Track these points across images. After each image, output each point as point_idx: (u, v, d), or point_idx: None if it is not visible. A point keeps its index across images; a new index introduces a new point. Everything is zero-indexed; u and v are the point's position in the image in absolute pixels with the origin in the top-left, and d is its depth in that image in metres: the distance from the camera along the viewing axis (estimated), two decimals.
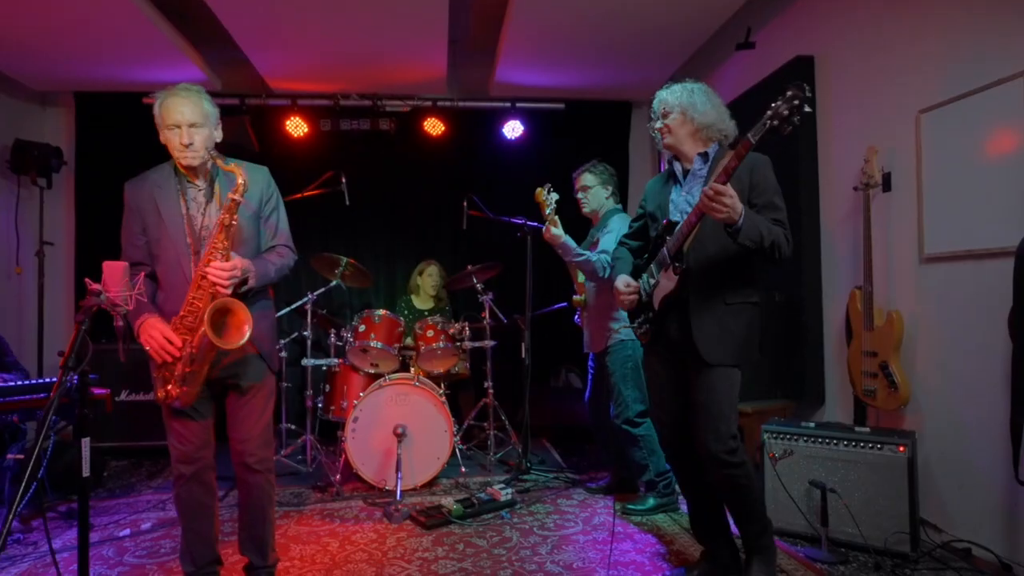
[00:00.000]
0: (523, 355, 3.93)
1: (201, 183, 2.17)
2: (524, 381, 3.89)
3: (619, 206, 3.38)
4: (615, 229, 3.13)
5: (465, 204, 4.17)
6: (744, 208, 1.94)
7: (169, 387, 2.01)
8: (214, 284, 1.95)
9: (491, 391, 4.18)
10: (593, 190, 3.33)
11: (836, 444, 2.68)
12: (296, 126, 4.96)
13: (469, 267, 4.19)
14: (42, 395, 2.93)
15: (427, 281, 4.69)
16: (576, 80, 4.96)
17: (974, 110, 2.53)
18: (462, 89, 5.24)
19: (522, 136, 5.22)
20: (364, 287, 4.48)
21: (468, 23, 4.44)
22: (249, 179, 2.13)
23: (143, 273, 1.79)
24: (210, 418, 2.19)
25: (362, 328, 3.83)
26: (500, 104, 5.21)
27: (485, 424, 4.42)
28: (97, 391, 3.10)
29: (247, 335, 1.94)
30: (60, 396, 1.41)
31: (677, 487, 3.21)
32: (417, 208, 5.30)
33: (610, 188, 3.34)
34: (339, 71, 4.68)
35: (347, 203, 4.17)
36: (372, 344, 3.78)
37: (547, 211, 3.02)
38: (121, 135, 4.97)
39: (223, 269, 1.96)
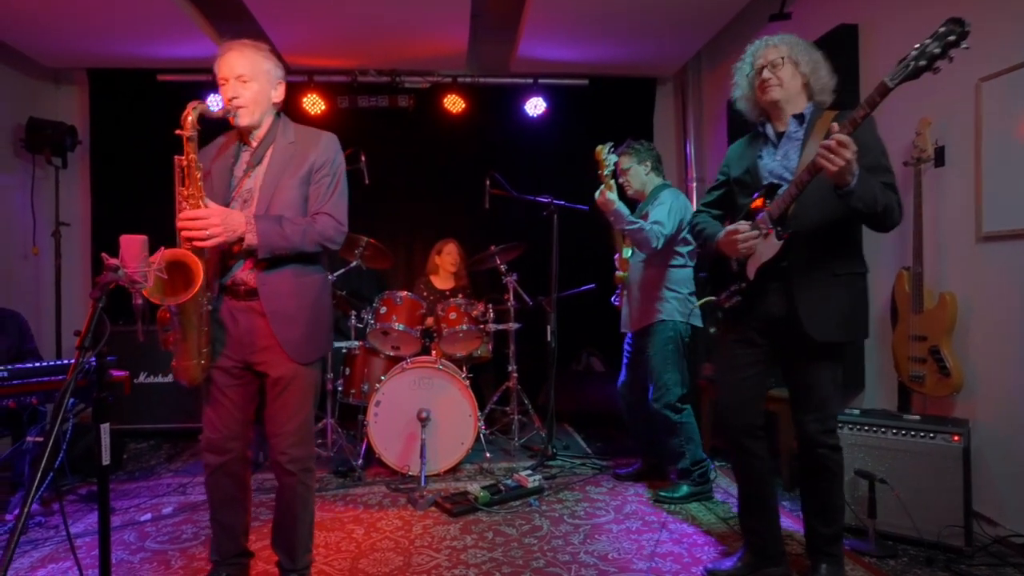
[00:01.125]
0: (548, 338, 3.81)
1: (255, 145, 2.05)
2: (549, 365, 3.78)
3: (666, 181, 3.25)
4: (667, 201, 3.02)
5: (487, 183, 4.04)
6: (859, 168, 1.78)
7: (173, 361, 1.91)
8: (188, 238, 1.81)
9: (515, 375, 4.08)
10: (632, 170, 3.20)
11: (884, 432, 2.55)
12: (313, 103, 4.84)
13: (492, 247, 4.07)
14: (60, 377, 2.85)
15: (446, 260, 4.58)
16: (600, 55, 4.79)
17: None
18: (482, 65, 5.09)
19: (544, 113, 5.07)
20: (383, 268, 4.37)
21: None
22: (304, 141, 2.03)
23: (161, 248, 1.67)
24: (246, 407, 2.07)
25: (383, 310, 3.73)
26: (522, 80, 5.06)
27: (508, 408, 4.33)
28: (116, 373, 3.03)
29: (191, 294, 1.71)
30: (77, 378, 1.32)
31: (712, 476, 3.12)
32: (437, 187, 5.17)
33: (649, 164, 3.20)
34: (357, 46, 4.54)
35: (367, 182, 4.05)
36: (394, 326, 3.68)
37: (604, 171, 2.87)
38: (136, 113, 4.90)
39: (189, 218, 1.81)
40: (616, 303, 3.47)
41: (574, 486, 3.32)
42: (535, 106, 5.03)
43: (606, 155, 2.89)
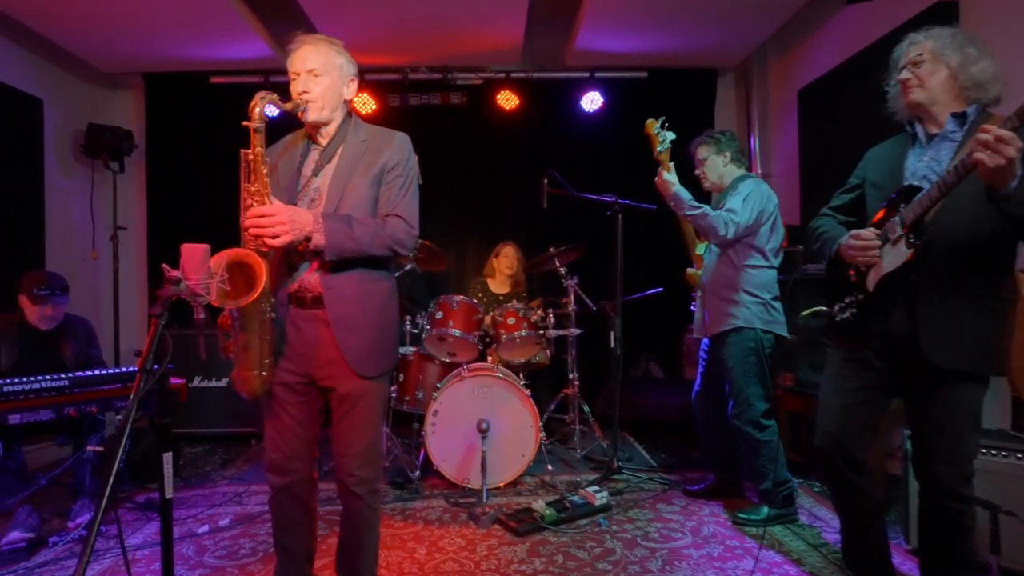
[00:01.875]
0: (612, 344, 3.61)
1: (324, 143, 1.94)
2: (613, 373, 3.58)
3: (749, 172, 3.01)
4: (746, 192, 2.78)
5: (545, 181, 3.85)
6: (1023, 169, 1.51)
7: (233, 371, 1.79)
8: (255, 236, 1.69)
9: (576, 383, 3.90)
10: (709, 161, 2.96)
11: (1007, 456, 2.27)
12: (364, 103, 4.74)
13: (551, 249, 3.90)
14: (118, 385, 2.80)
15: (503, 263, 4.42)
16: (661, 45, 4.56)
17: None
18: (536, 59, 4.91)
19: (601, 108, 4.87)
20: (437, 271, 4.24)
21: None
22: (376, 140, 1.92)
23: (225, 257, 1.55)
24: (310, 425, 1.94)
25: (439, 315, 3.60)
26: (578, 74, 4.87)
27: (567, 417, 4.16)
28: (172, 381, 2.97)
29: (253, 296, 1.58)
30: (139, 401, 1.19)
31: (797, 499, 2.87)
32: (491, 187, 5.02)
33: (728, 154, 2.95)
34: (409, 42, 4.42)
35: (420, 182, 3.92)
36: (450, 332, 3.54)
37: (658, 149, 2.68)
38: (190, 116, 4.90)
39: (255, 215, 1.69)
40: (695, 308, 3.24)
41: (643, 503, 3.12)
42: (592, 101, 4.83)
43: (657, 130, 2.68)
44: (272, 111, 1.81)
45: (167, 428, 1.29)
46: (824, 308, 2.00)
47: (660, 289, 3.91)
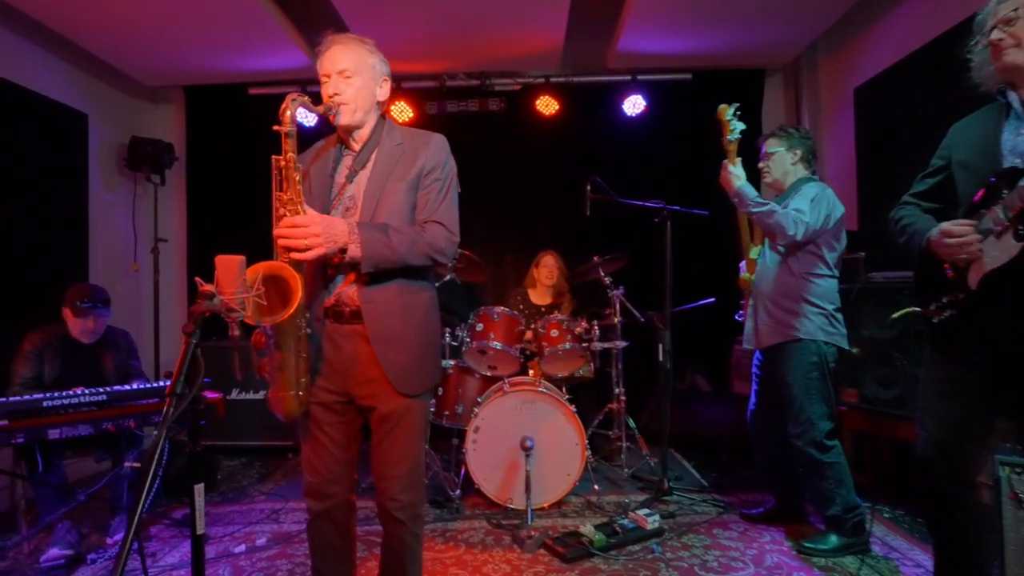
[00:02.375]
0: (660, 358, 3.43)
1: (358, 148, 1.84)
2: (663, 387, 3.40)
3: (814, 176, 2.80)
4: (812, 194, 2.58)
5: (588, 188, 3.71)
6: None
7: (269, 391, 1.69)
8: (286, 248, 1.59)
9: (623, 398, 3.73)
10: (777, 156, 2.77)
11: None
12: (401, 111, 4.68)
13: (595, 258, 3.74)
14: (156, 400, 2.76)
15: (543, 273, 4.28)
16: (706, 46, 4.38)
17: None
18: (576, 63, 4.78)
19: (643, 112, 4.71)
20: (476, 281, 4.13)
21: None
22: (412, 142, 1.81)
23: (261, 270, 1.45)
24: (349, 446, 1.84)
25: (480, 327, 3.47)
26: (619, 78, 4.72)
27: (611, 433, 3.98)
28: (209, 395, 2.92)
29: (288, 312, 1.48)
30: (169, 430, 1.09)
31: (869, 526, 2.65)
32: (530, 194, 4.90)
33: (798, 153, 2.76)
34: (446, 48, 4.34)
35: (458, 190, 3.82)
36: (491, 345, 3.41)
37: (728, 137, 2.52)
38: (228, 127, 4.92)
39: (288, 226, 1.59)
40: (740, 317, 3.05)
41: (698, 528, 2.93)
42: (634, 104, 4.67)
43: (730, 116, 2.52)
44: (310, 121, 1.72)
45: (200, 456, 1.18)
46: (917, 309, 1.79)
47: (712, 300, 3.71)
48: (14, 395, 2.89)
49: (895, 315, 2.13)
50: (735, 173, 2.53)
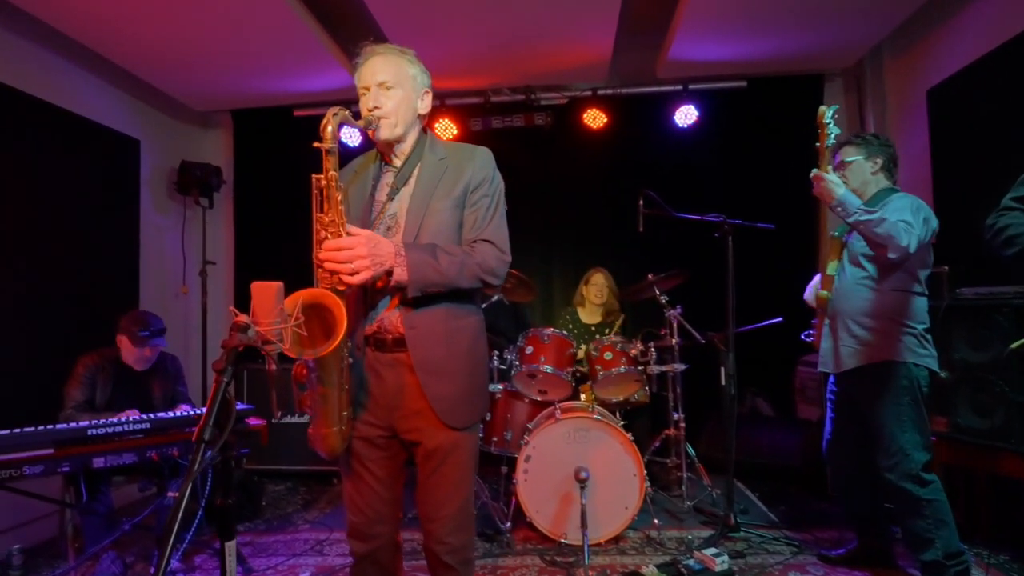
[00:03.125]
0: (723, 381, 3.21)
1: (399, 164, 1.73)
2: (726, 414, 3.17)
3: (895, 187, 2.56)
4: (906, 204, 2.33)
5: (640, 202, 3.53)
6: None
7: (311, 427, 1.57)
8: (330, 272, 1.47)
9: (683, 424, 3.50)
10: (855, 165, 2.54)
11: None
12: (445, 128, 4.60)
13: (650, 276, 3.55)
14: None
15: (592, 291, 4.10)
16: (762, 51, 4.16)
17: None
18: (624, 74, 4.61)
19: (696, 122, 4.51)
20: (524, 301, 3.98)
21: None
22: (456, 157, 1.70)
23: (300, 298, 1.34)
24: (394, 484, 1.71)
25: (529, 350, 3.31)
26: (670, 88, 4.54)
27: (668, 461, 3.75)
28: (252, 422, 2.83)
29: (333, 344, 1.36)
30: (196, 479, 0.97)
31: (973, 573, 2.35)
32: (579, 210, 4.74)
33: (878, 161, 2.53)
34: (490, 63, 4.25)
35: (505, 208, 3.70)
36: (542, 368, 3.25)
37: (826, 143, 2.34)
38: (274, 150, 4.94)
39: (332, 249, 1.47)
40: (808, 337, 2.80)
41: (772, 570, 2.67)
42: (685, 115, 4.48)
43: (829, 119, 2.31)
44: (354, 140, 1.60)
45: (229, 511, 1.05)
46: None
47: (780, 319, 3.46)
48: (66, 417, 2.92)
49: (1014, 345, 1.87)
50: (834, 180, 2.32)
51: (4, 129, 3.33)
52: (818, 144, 2.38)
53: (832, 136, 2.34)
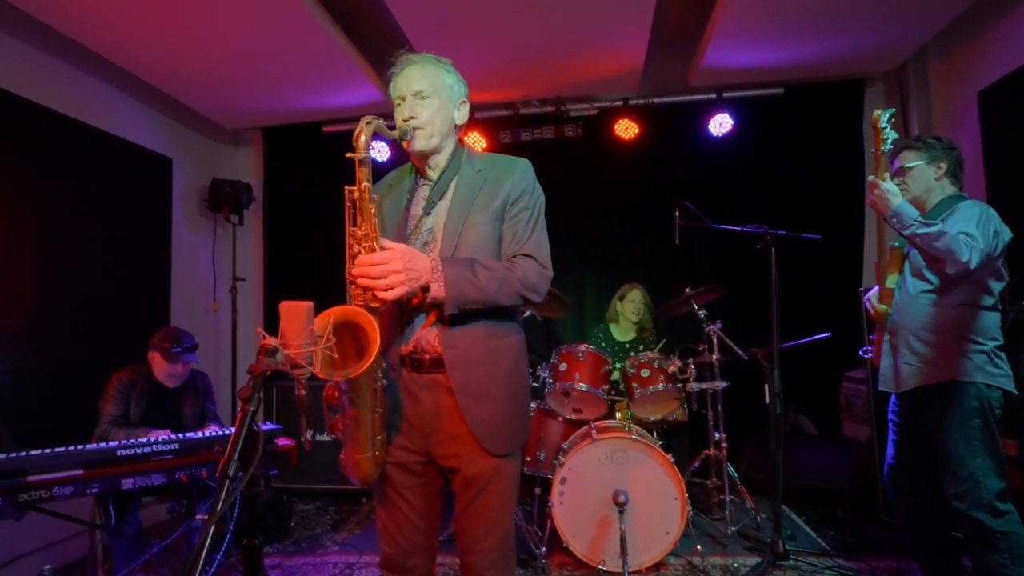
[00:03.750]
0: (767, 400, 3.05)
1: (435, 177, 1.66)
2: (772, 434, 3.01)
3: (962, 193, 2.38)
4: (973, 214, 2.16)
5: (676, 214, 3.41)
6: None
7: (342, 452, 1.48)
8: (364, 288, 1.39)
9: (724, 444, 3.35)
10: (917, 171, 2.36)
11: None
12: (474, 142, 4.55)
13: (687, 289, 3.42)
14: None
15: (628, 308, 3.97)
16: (800, 56, 4.03)
17: None
18: (655, 83, 4.51)
19: (731, 131, 4.39)
20: (556, 317, 3.88)
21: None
22: (494, 168, 1.63)
23: (332, 317, 1.26)
24: (430, 512, 1.62)
25: (563, 367, 3.21)
26: (703, 97, 4.42)
27: (707, 482, 3.59)
28: (281, 442, 2.77)
29: (366, 365, 1.27)
30: (222, 512, 0.88)
31: None
32: (611, 223, 4.63)
33: (943, 166, 2.36)
34: (519, 75, 4.19)
35: None
36: (576, 386, 3.14)
37: (882, 148, 2.15)
38: (303, 166, 4.95)
39: (365, 264, 1.39)
40: (865, 353, 2.64)
41: None
42: (720, 124, 4.36)
43: (884, 123, 2.13)
44: (382, 156, 1.53)
45: (256, 551, 0.97)
46: None
47: (828, 334, 3.29)
48: (102, 432, 2.92)
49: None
50: (891, 189, 2.15)
51: (42, 148, 3.37)
52: (873, 150, 2.22)
53: (889, 141, 2.18)
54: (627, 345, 3.93)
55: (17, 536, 3.10)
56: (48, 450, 2.38)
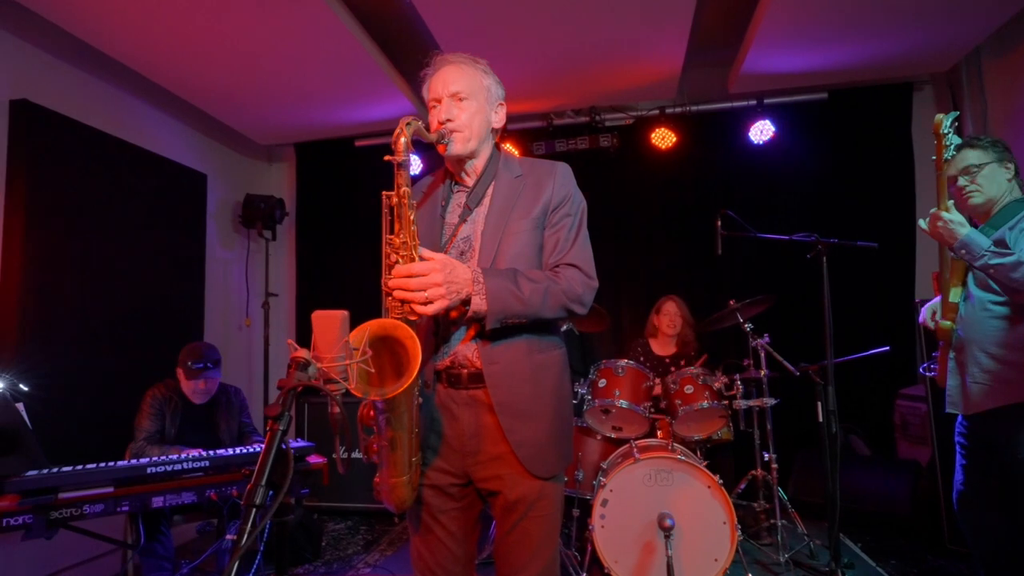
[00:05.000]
0: (820, 418, 2.87)
1: (471, 183, 1.58)
2: (827, 454, 2.82)
3: None
4: None
5: (718, 223, 3.28)
6: None
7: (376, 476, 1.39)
8: (402, 300, 1.30)
9: (774, 465, 3.17)
10: (986, 170, 2.18)
11: None
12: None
13: (732, 302, 3.26)
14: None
15: (664, 321, 3.83)
16: (845, 59, 3.87)
17: None
18: (693, 91, 4.40)
19: (772, 138, 4.24)
20: (594, 332, 3.75)
21: (705, 5, 3.62)
22: (533, 174, 1.54)
23: (368, 330, 1.17)
24: (467, 539, 1.52)
25: (602, 383, 3.08)
26: (743, 104, 4.29)
27: (755, 504, 3.41)
28: (313, 460, 2.69)
29: (406, 383, 1.18)
30: (248, 544, 0.79)
31: None
32: (648, 235, 4.50)
33: (1010, 167, 2.19)
34: (553, 85, 4.11)
35: None
36: (616, 403, 3.00)
37: (944, 155, 1.98)
38: (335, 180, 4.96)
39: (403, 275, 1.31)
40: (927, 371, 2.46)
41: None
42: (761, 131, 4.22)
43: (947, 129, 1.96)
44: (413, 168, 1.45)
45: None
46: None
47: (886, 348, 3.10)
48: (138, 449, 2.91)
49: None
50: (956, 219, 1.99)
51: (82, 165, 3.40)
52: (935, 158, 2.05)
53: (952, 147, 2.02)
54: (667, 360, 3.78)
55: (53, 553, 3.09)
56: (79, 467, 2.35)
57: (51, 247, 3.21)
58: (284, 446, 0.88)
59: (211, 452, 2.61)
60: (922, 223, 2.14)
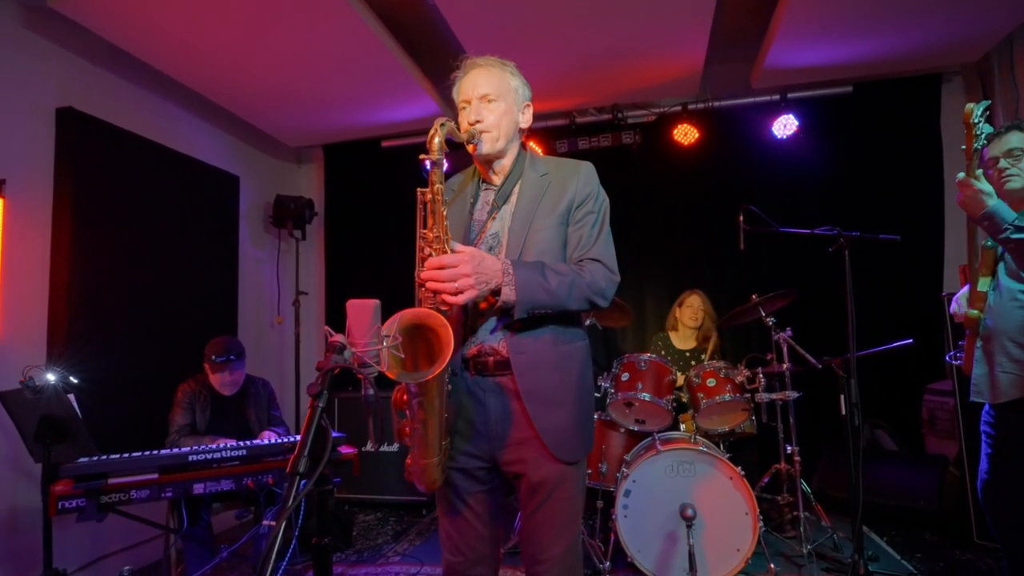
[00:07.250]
0: (843, 411, 2.88)
1: (499, 181, 1.65)
2: (851, 448, 2.83)
3: None
4: None
5: (741, 218, 3.30)
6: None
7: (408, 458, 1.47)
8: (433, 291, 1.37)
9: (797, 458, 3.18)
10: None
11: None
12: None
13: (754, 296, 3.28)
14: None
15: (686, 314, 3.86)
16: (870, 52, 3.85)
17: None
18: (715, 87, 4.41)
19: (796, 133, 4.23)
20: (616, 326, 3.80)
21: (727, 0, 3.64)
22: (558, 172, 1.61)
23: (400, 319, 1.25)
24: (494, 521, 1.59)
25: (625, 377, 3.13)
26: (766, 98, 4.29)
27: (778, 497, 3.42)
28: (344, 451, 2.79)
29: (439, 368, 1.24)
30: (293, 508, 0.88)
31: None
32: (670, 230, 4.53)
33: None
34: (575, 83, 4.16)
35: None
36: (639, 396, 3.05)
37: (974, 145, 1.96)
38: (363, 181, 5.07)
39: (435, 267, 1.38)
40: (953, 360, 2.45)
41: None
42: (784, 126, 4.21)
43: (977, 118, 1.94)
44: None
45: (326, 551, 0.96)
46: None
47: (910, 341, 3.09)
48: (171, 443, 3.02)
49: None
50: (984, 189, 1.99)
51: (123, 168, 3.55)
52: (964, 147, 2.05)
53: (983, 136, 2.01)
54: (688, 354, 3.81)
55: (100, 538, 3.25)
56: (126, 455, 2.49)
57: (96, 247, 3.36)
58: (323, 423, 0.96)
59: (247, 442, 2.72)
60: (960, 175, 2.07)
